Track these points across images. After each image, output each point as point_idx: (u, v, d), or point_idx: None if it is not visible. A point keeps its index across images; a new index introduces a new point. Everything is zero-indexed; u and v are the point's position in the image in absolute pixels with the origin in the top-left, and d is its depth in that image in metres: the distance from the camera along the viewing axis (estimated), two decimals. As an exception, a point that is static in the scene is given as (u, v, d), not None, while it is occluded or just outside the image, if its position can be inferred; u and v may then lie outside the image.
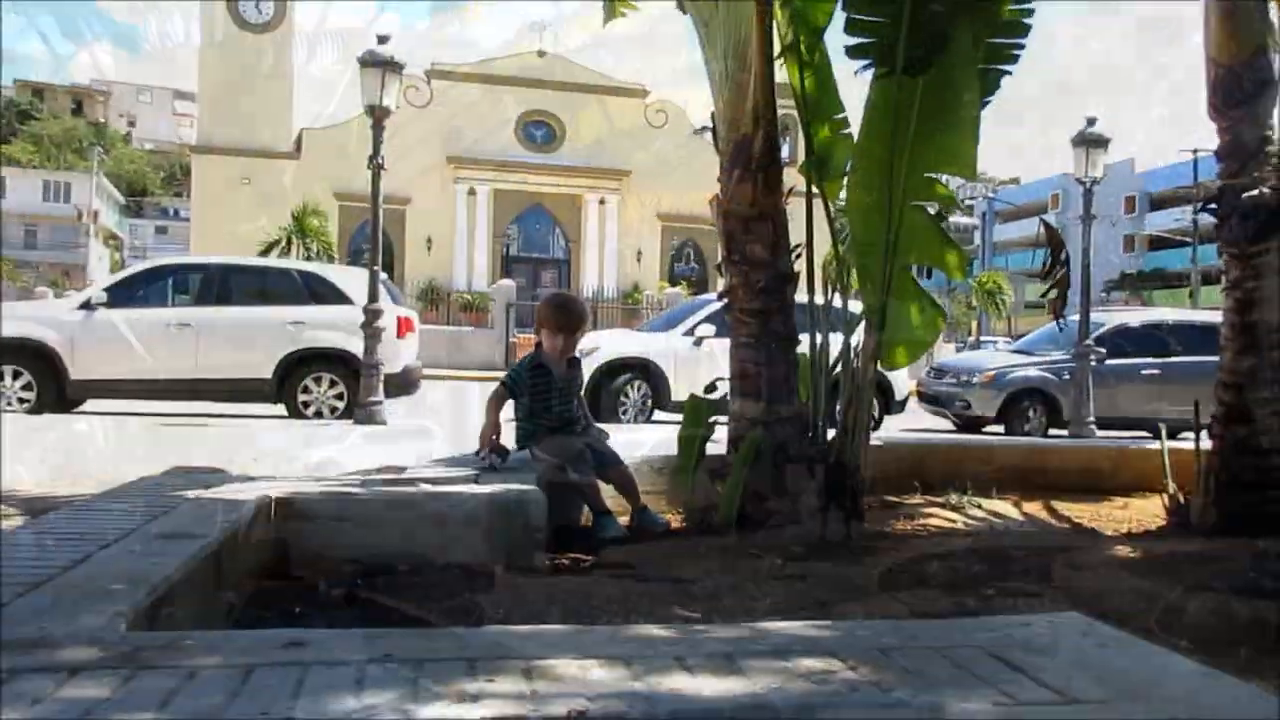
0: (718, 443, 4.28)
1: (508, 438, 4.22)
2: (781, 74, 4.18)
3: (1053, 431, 11.95)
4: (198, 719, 1.48)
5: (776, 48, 4.11)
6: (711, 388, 4.32)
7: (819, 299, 4.37)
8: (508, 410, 4.40)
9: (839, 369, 4.31)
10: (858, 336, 4.30)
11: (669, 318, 13.13)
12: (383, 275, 10.51)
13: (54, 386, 10.00)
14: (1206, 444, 4.29)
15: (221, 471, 4.11)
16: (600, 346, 11.71)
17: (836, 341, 4.35)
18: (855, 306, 4.42)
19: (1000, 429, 12.05)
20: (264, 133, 34.96)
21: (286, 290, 10.83)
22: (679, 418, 4.49)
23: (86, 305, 10.23)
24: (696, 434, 4.23)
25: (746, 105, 4.03)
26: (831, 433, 4.25)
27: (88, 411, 9.85)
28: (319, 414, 10.41)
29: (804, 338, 4.28)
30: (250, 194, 34.84)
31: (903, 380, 12.36)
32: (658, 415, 11.83)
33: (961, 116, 3.95)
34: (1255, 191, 4.04)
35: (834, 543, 3.85)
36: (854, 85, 4.11)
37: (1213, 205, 4.18)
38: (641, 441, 5.01)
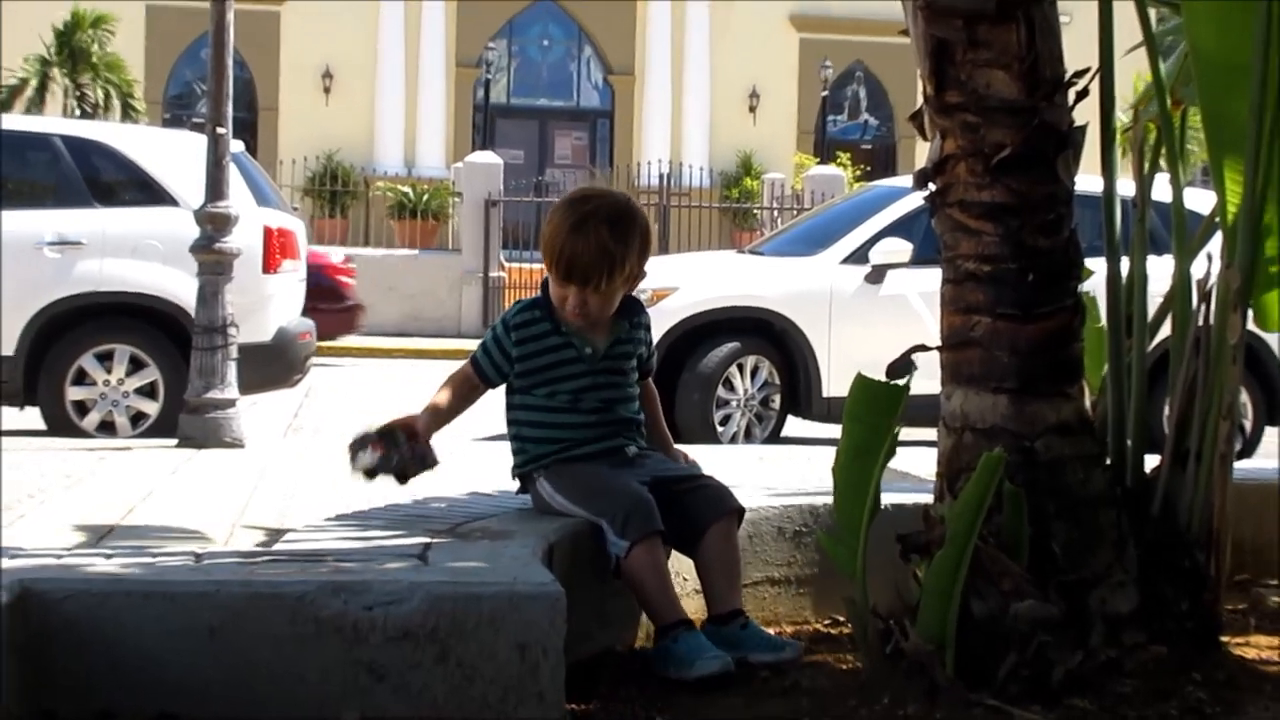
0: (920, 482, 4.36)
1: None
2: None
3: None
4: None
5: None
6: (903, 366, 4.22)
7: (1123, 185, 4.34)
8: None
9: (1167, 330, 4.33)
10: (1204, 262, 4.29)
11: (817, 228, 13.24)
12: (236, 147, 10.54)
13: None
14: None
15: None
16: (678, 287, 11.77)
17: (1160, 272, 4.33)
18: (1200, 200, 4.52)
19: None
20: None
21: (41, 177, 11.09)
22: (836, 431, 4.46)
23: None
24: (874, 460, 4.15)
25: None
26: (1153, 459, 4.23)
27: None
28: (108, 425, 10.61)
29: (1091, 265, 4.26)
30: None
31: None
32: (794, 426, 11.93)
33: None
34: None
35: (1160, 679, 3.80)
36: None
37: None
38: (760, 480, 5.06)
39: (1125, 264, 4.35)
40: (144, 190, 10.89)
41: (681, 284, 11.85)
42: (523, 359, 4.50)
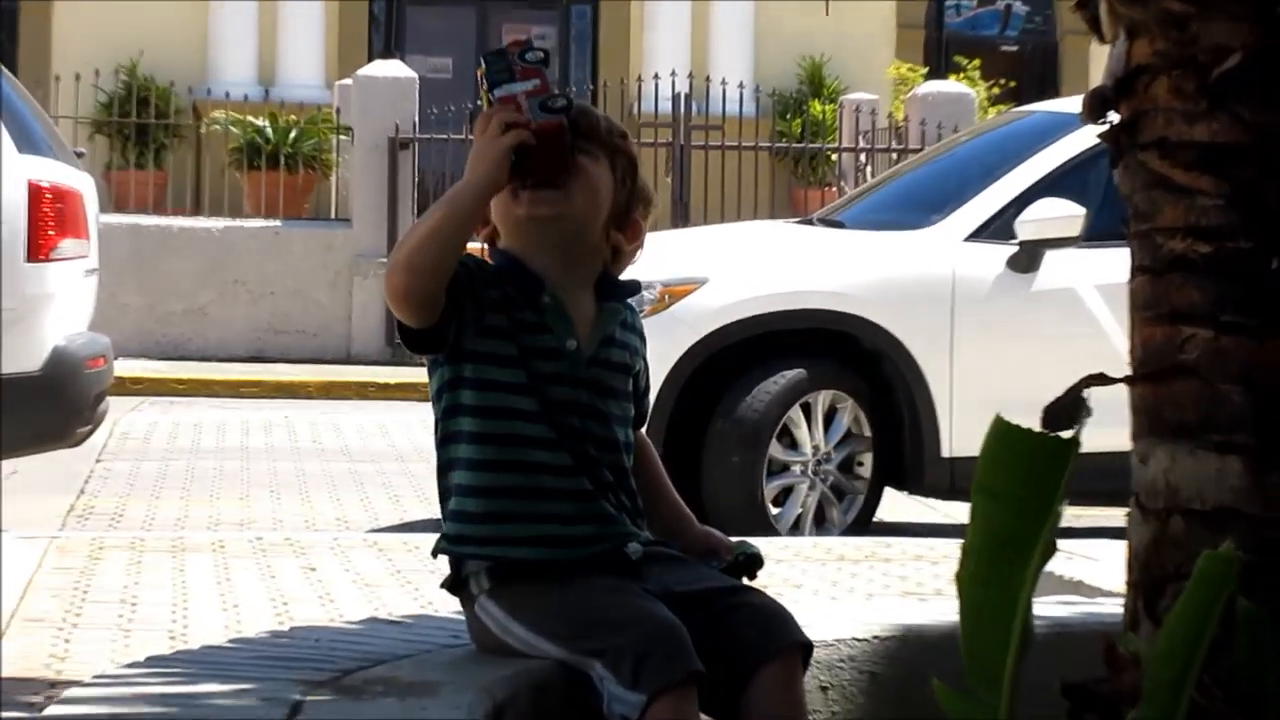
0: (1099, 596, 4.55)
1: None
2: None
3: None
4: None
5: None
6: (1070, 408, 3.84)
7: None
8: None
9: None
10: None
11: (930, 182, 13.23)
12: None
13: None
14: None
15: None
16: (706, 279, 11.45)
17: None
18: None
19: None
20: None
21: None
22: (962, 513, 4.21)
23: None
24: (1024, 562, 3.79)
25: None
26: None
27: None
28: None
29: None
30: None
31: None
32: (895, 505, 11.51)
33: None
34: None
35: None
36: None
37: None
38: (840, 594, 4.88)
39: None
40: None
41: (712, 274, 11.30)
42: (490, 310, 3.99)
